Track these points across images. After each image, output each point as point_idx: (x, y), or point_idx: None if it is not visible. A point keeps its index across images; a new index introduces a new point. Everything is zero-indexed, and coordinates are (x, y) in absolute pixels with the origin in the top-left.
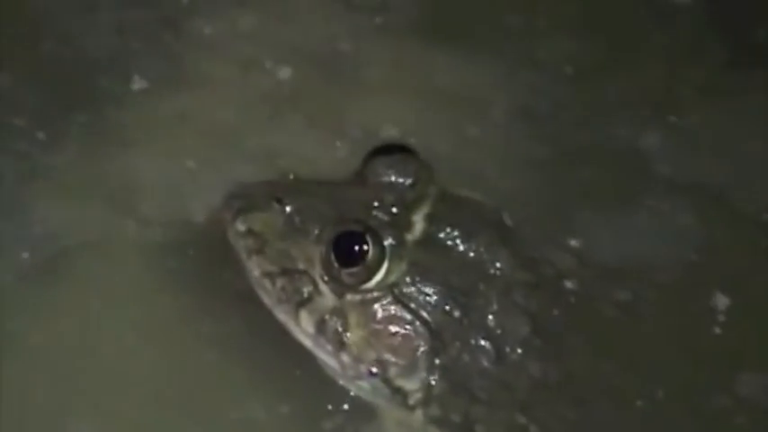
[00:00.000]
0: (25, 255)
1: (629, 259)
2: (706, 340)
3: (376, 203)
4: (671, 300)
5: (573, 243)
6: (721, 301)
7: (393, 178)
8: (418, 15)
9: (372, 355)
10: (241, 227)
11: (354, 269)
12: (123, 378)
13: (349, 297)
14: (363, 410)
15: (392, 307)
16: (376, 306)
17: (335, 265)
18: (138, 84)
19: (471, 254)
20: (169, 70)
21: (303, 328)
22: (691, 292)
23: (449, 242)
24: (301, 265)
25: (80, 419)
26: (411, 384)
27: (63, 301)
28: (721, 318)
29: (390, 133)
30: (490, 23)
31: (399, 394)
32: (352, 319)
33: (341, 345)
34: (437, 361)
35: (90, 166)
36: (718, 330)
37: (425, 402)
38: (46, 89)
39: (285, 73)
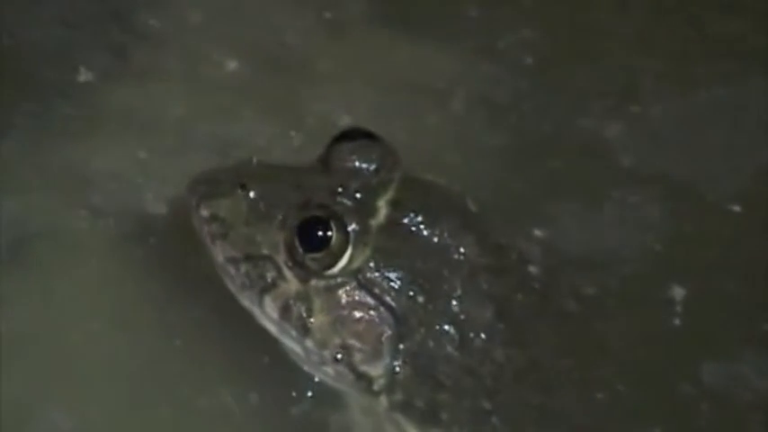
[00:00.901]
0: None
1: (594, 250)
2: (669, 330)
3: (340, 189)
4: (634, 290)
5: (537, 232)
6: (681, 291)
7: (357, 164)
8: (369, 10)
9: (337, 340)
10: (205, 212)
11: (318, 254)
12: (93, 366)
13: (313, 283)
14: (329, 397)
15: (356, 293)
16: (340, 292)
17: (300, 250)
18: (84, 76)
19: (436, 239)
20: (115, 63)
21: (267, 314)
22: (654, 282)
23: (413, 228)
24: (265, 251)
25: (51, 407)
26: (375, 370)
27: (27, 290)
28: (682, 308)
29: (345, 121)
30: (445, 15)
31: (364, 380)
32: (317, 304)
33: (305, 330)
34: (401, 347)
35: (37, 157)
36: (679, 320)
37: (390, 388)
38: None
39: (232, 66)
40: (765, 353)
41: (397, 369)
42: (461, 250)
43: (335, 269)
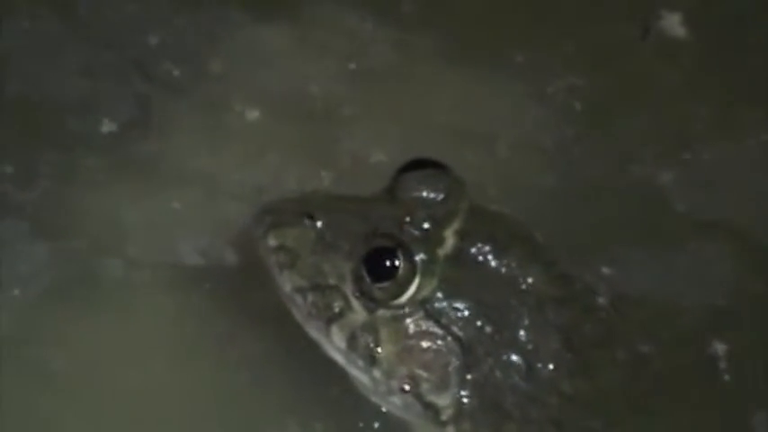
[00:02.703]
0: (16, 292)
1: (653, 294)
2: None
3: (407, 219)
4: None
5: (604, 269)
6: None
7: (424, 193)
8: (396, 60)
9: (404, 370)
10: (272, 242)
11: (386, 284)
12: (155, 406)
13: (380, 312)
14: (395, 427)
15: (424, 322)
16: (407, 321)
17: (367, 280)
18: (107, 126)
19: (503, 269)
20: (139, 113)
21: (335, 344)
22: (712, 333)
23: (480, 257)
24: (332, 281)
25: None
26: (443, 400)
27: (76, 332)
28: (730, 359)
29: (378, 158)
30: (488, 59)
31: (431, 410)
32: (384, 334)
33: (372, 360)
34: (469, 377)
35: (67, 205)
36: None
37: (457, 418)
38: (12, 131)
39: (254, 114)
40: None
41: (465, 399)
42: (528, 280)
43: (403, 299)
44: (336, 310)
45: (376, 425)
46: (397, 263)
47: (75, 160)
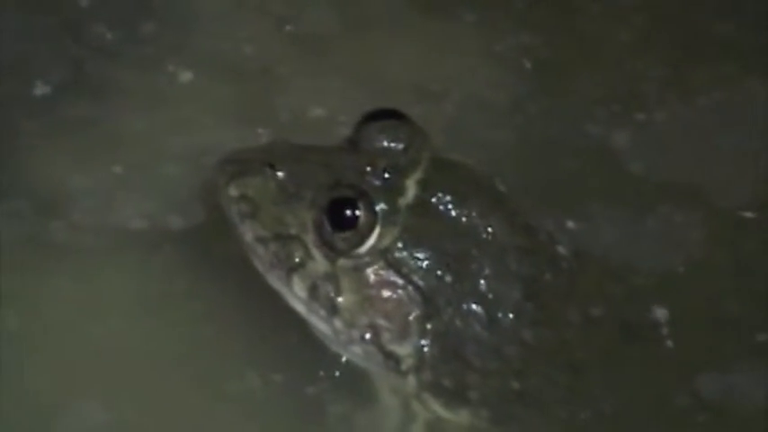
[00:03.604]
0: None
1: (608, 253)
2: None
3: (368, 169)
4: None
5: (569, 223)
6: (665, 310)
7: (386, 143)
8: (337, 21)
9: (365, 320)
10: (234, 192)
11: (347, 234)
12: (121, 357)
13: (341, 262)
14: (356, 377)
15: (384, 272)
16: (368, 271)
17: (328, 229)
18: (40, 89)
19: (464, 219)
20: (71, 75)
21: (296, 294)
22: (660, 294)
23: (441, 207)
24: (294, 231)
25: (81, 399)
26: (403, 350)
27: (35, 294)
28: (673, 322)
29: (317, 114)
30: (436, 17)
31: (392, 360)
32: (345, 284)
33: (333, 310)
34: (429, 326)
35: (2, 167)
36: (673, 331)
37: (418, 368)
38: None
39: (187, 76)
40: (761, 364)
41: (426, 349)
42: (490, 230)
43: (364, 249)
44: (298, 259)
45: (337, 374)
46: (358, 213)
47: (10, 122)
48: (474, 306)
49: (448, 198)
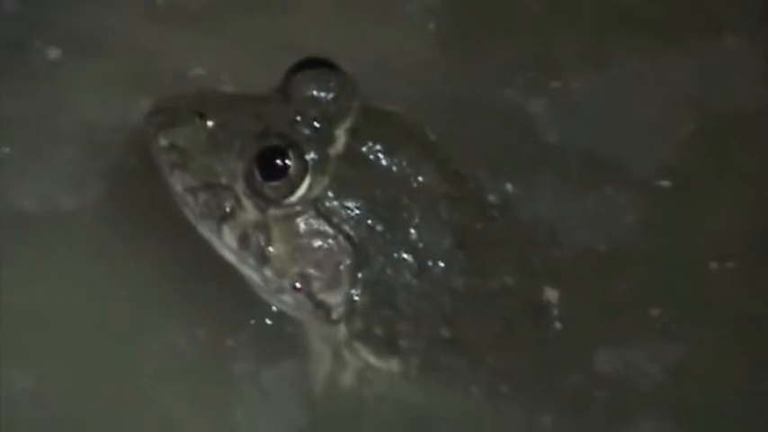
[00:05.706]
0: None
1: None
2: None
3: (298, 118)
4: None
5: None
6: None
7: (315, 93)
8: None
9: (295, 269)
10: (163, 141)
11: (277, 183)
12: (42, 321)
13: (272, 211)
14: (287, 326)
15: (315, 221)
16: (299, 220)
17: (258, 179)
18: None
19: (394, 168)
20: None
21: (226, 243)
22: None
23: (372, 156)
24: (224, 180)
25: (6, 364)
26: (334, 299)
27: None
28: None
29: (197, 72)
30: None
31: (322, 309)
32: (275, 233)
33: (264, 259)
34: (360, 275)
35: None
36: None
37: (349, 317)
38: None
39: (56, 53)
40: (656, 339)
41: (356, 297)
42: (420, 179)
43: (294, 198)
44: (228, 209)
45: (268, 322)
46: (287, 162)
47: None
48: (404, 255)
49: (378, 147)
